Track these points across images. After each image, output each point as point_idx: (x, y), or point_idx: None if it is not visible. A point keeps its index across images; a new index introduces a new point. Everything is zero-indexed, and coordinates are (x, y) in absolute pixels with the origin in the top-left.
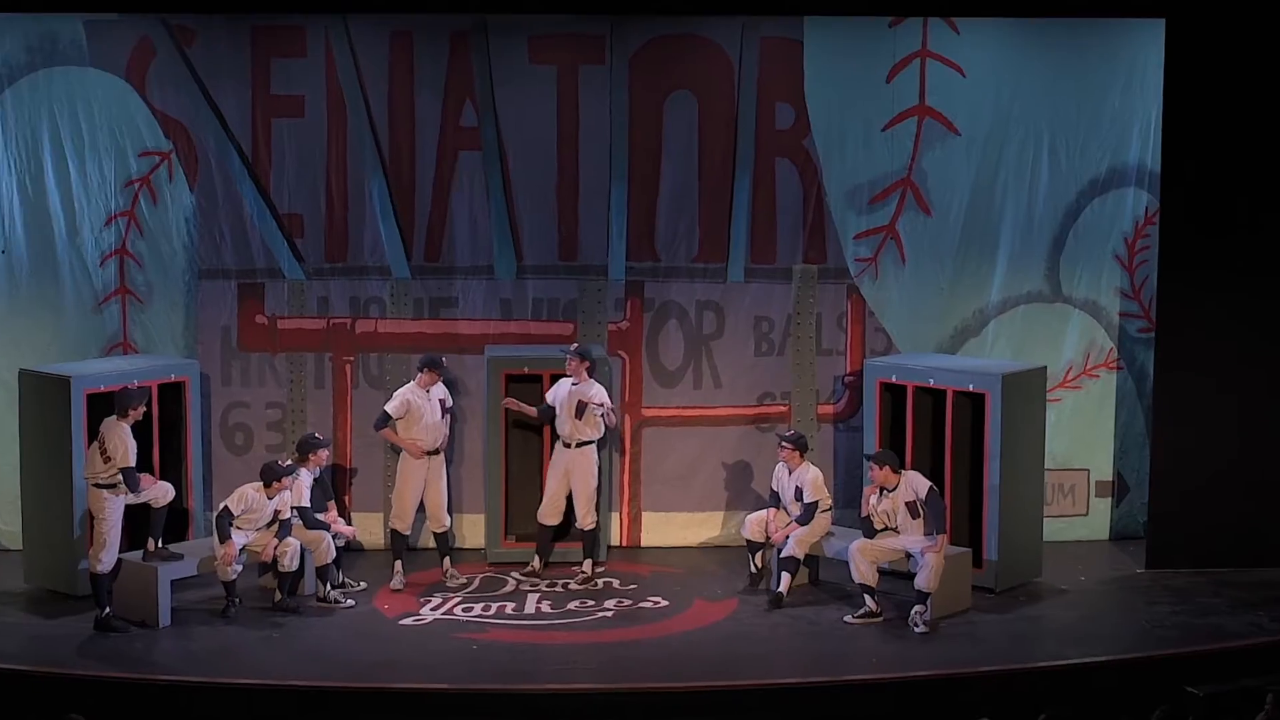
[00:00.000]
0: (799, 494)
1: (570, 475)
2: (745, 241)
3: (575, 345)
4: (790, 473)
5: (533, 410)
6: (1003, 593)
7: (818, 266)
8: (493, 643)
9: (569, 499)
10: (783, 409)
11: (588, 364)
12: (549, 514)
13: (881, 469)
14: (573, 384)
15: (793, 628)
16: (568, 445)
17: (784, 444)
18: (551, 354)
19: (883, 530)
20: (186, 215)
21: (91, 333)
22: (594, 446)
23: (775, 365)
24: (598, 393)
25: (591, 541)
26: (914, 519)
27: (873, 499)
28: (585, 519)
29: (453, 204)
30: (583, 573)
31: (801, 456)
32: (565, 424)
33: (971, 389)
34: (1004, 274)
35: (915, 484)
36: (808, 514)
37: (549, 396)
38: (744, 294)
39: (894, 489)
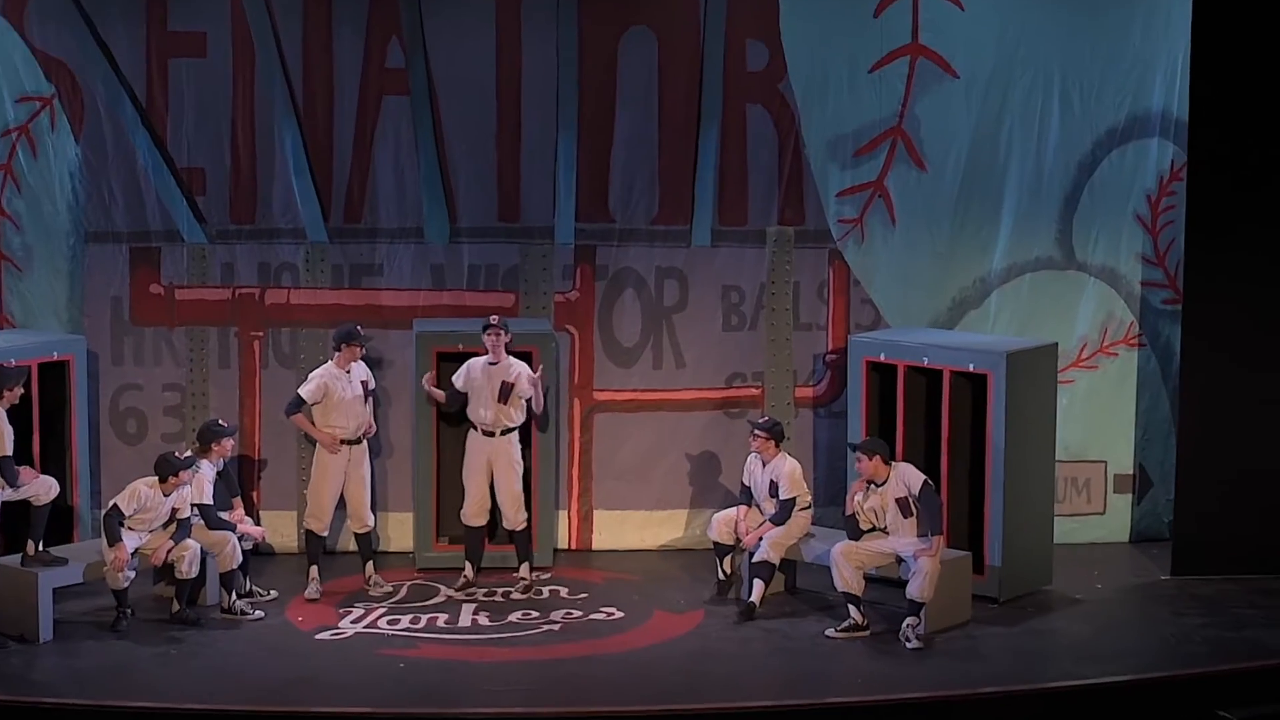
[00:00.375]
0: (774, 489)
1: (494, 468)
2: (712, 200)
3: (496, 316)
4: (764, 465)
5: (442, 395)
6: (1007, 603)
7: (795, 229)
8: (422, 660)
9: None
10: (755, 392)
11: (510, 337)
12: (475, 513)
13: (870, 460)
14: (489, 363)
15: (766, 643)
16: (490, 434)
17: (757, 432)
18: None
19: (870, 531)
20: (71, 170)
21: None
22: (517, 434)
23: (746, 342)
24: (524, 372)
25: (526, 543)
26: (906, 518)
27: (859, 495)
28: (516, 518)
29: (376, 157)
30: (522, 579)
31: (777, 446)
32: (486, 410)
33: (971, 369)
34: (1009, 237)
35: (907, 478)
36: (784, 512)
37: (457, 380)
38: (711, 260)
39: (883, 483)
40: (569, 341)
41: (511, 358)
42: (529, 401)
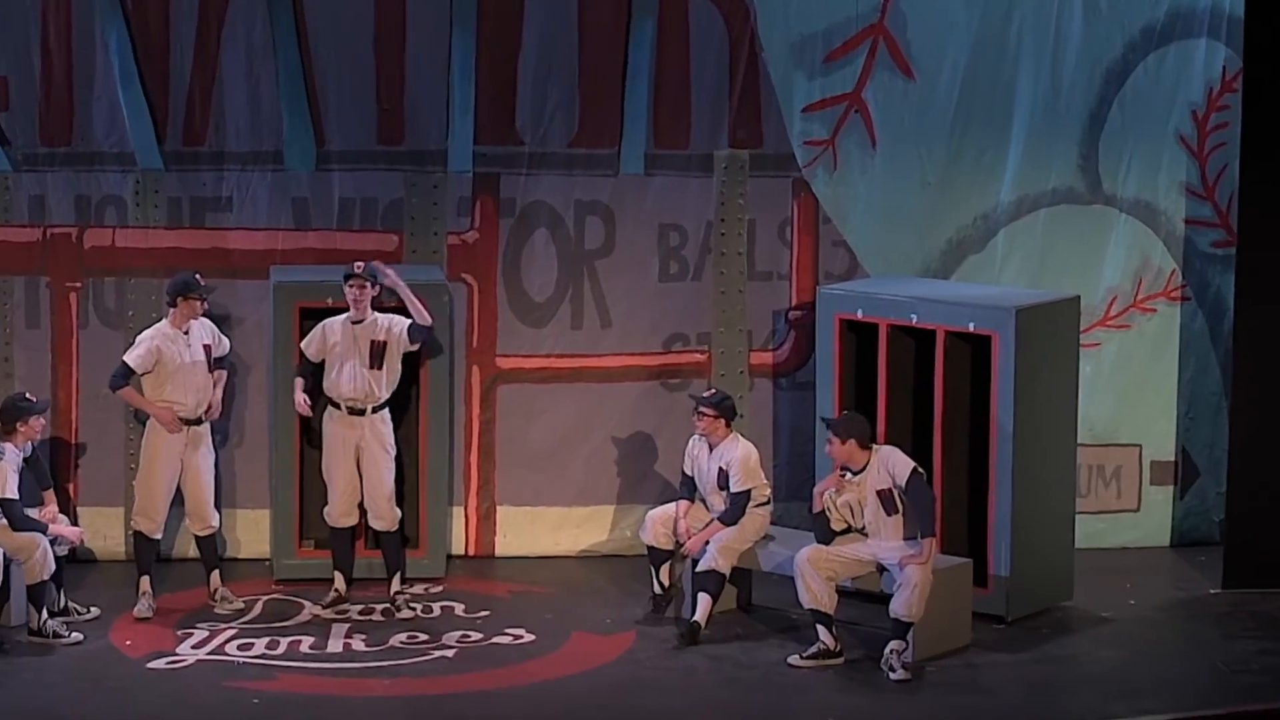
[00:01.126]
0: (723, 480)
1: (362, 455)
2: (646, 118)
3: (361, 264)
4: (711, 450)
5: (306, 405)
6: (1018, 623)
7: (750, 153)
8: (282, 695)
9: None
10: (699, 358)
11: (377, 289)
12: (344, 512)
13: (844, 443)
14: (352, 321)
15: (715, 673)
16: (358, 411)
17: (702, 409)
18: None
19: (844, 532)
20: None
21: None
22: (388, 411)
23: (689, 295)
24: (396, 326)
25: (397, 548)
26: (889, 516)
27: (830, 489)
28: (391, 516)
29: (224, 64)
30: (398, 594)
31: (728, 426)
32: (353, 381)
33: (972, 329)
34: (1019, 164)
35: (892, 465)
36: (736, 508)
37: (309, 346)
38: (644, 193)
39: (861, 471)
40: (466, 295)
41: (379, 313)
42: (410, 327)
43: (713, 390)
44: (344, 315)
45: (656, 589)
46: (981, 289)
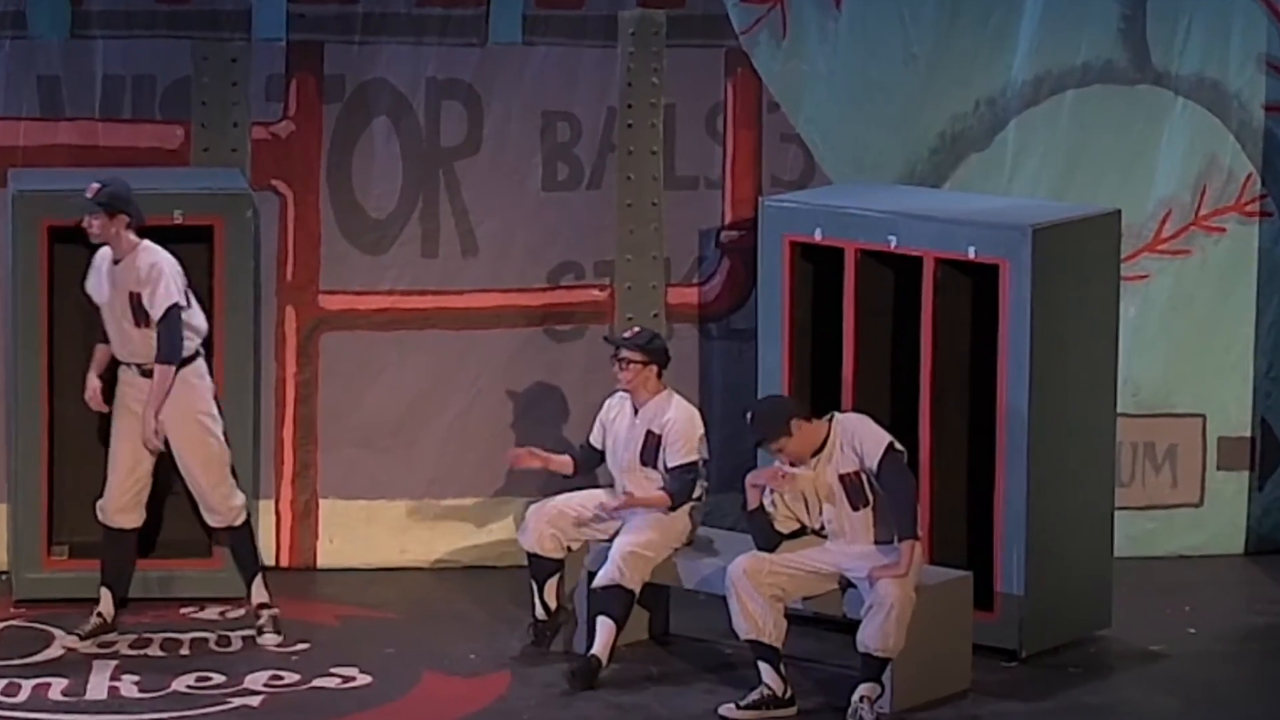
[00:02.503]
0: (651, 452)
1: (169, 428)
2: None
3: (95, 185)
4: (636, 413)
5: (97, 394)
6: (1036, 660)
7: (667, 12)
8: None
9: (160, 476)
10: (598, 296)
11: (126, 218)
12: (123, 507)
13: (776, 441)
14: (112, 260)
15: None
16: (143, 371)
17: (625, 354)
18: (149, 187)
19: (795, 535)
20: None
21: None
22: (202, 364)
23: (584, 210)
24: (165, 268)
25: (249, 547)
26: (856, 509)
27: (767, 484)
28: (225, 505)
29: None
30: (262, 607)
31: (659, 378)
32: (117, 337)
33: (973, 256)
34: (1037, 29)
35: (860, 440)
36: (681, 488)
37: (91, 287)
38: (521, 68)
39: (817, 452)
40: (277, 210)
41: (147, 243)
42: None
43: (637, 330)
44: (105, 250)
45: (539, 613)
46: (986, 201)
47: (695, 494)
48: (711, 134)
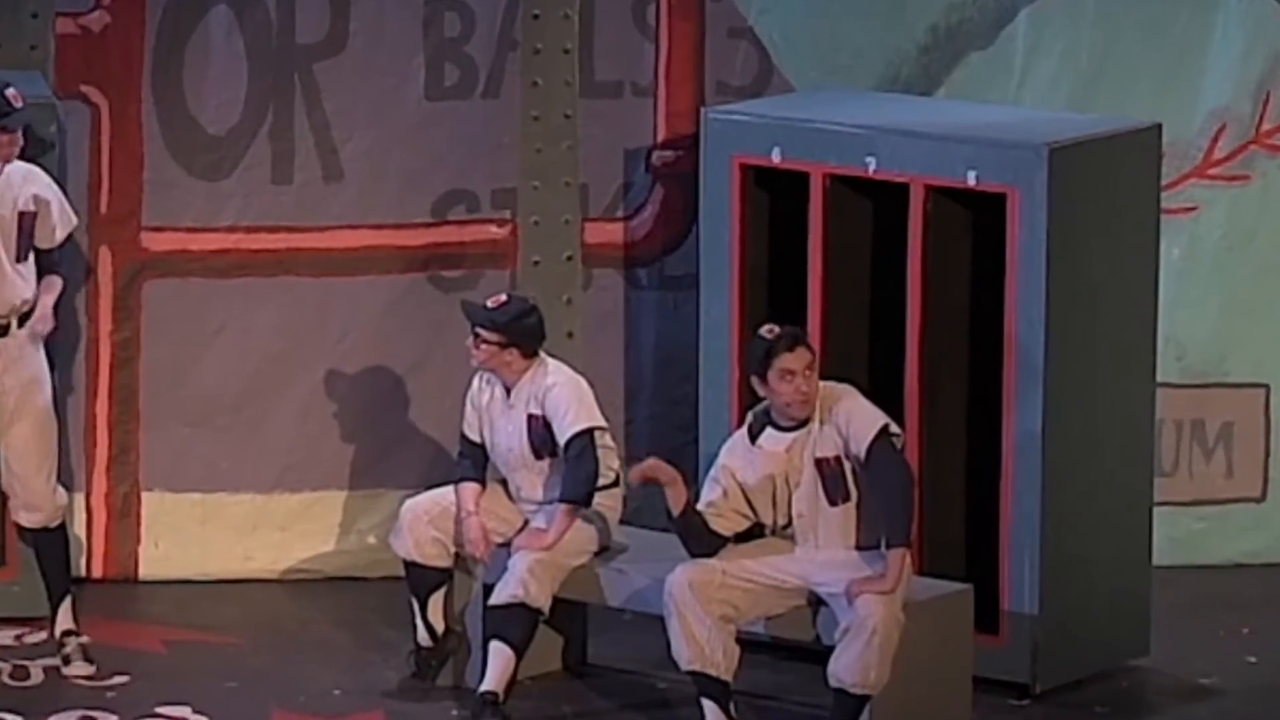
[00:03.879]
0: (541, 437)
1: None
2: None
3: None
4: (509, 394)
5: None
6: (1053, 696)
7: None
8: None
9: None
10: (496, 233)
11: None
12: None
13: (792, 377)
14: None
15: None
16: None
17: (480, 331)
18: None
19: (748, 536)
20: None
21: None
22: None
23: (479, 125)
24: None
25: (60, 557)
26: (834, 504)
27: (727, 464)
28: (43, 502)
29: None
30: (68, 634)
31: (528, 356)
32: None
33: (973, 183)
34: None
35: (848, 418)
36: (580, 469)
37: None
38: None
39: (797, 428)
40: (89, 123)
41: (21, 164)
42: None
43: (503, 299)
44: None
45: (422, 636)
46: (989, 113)
47: (610, 481)
48: (640, 27)
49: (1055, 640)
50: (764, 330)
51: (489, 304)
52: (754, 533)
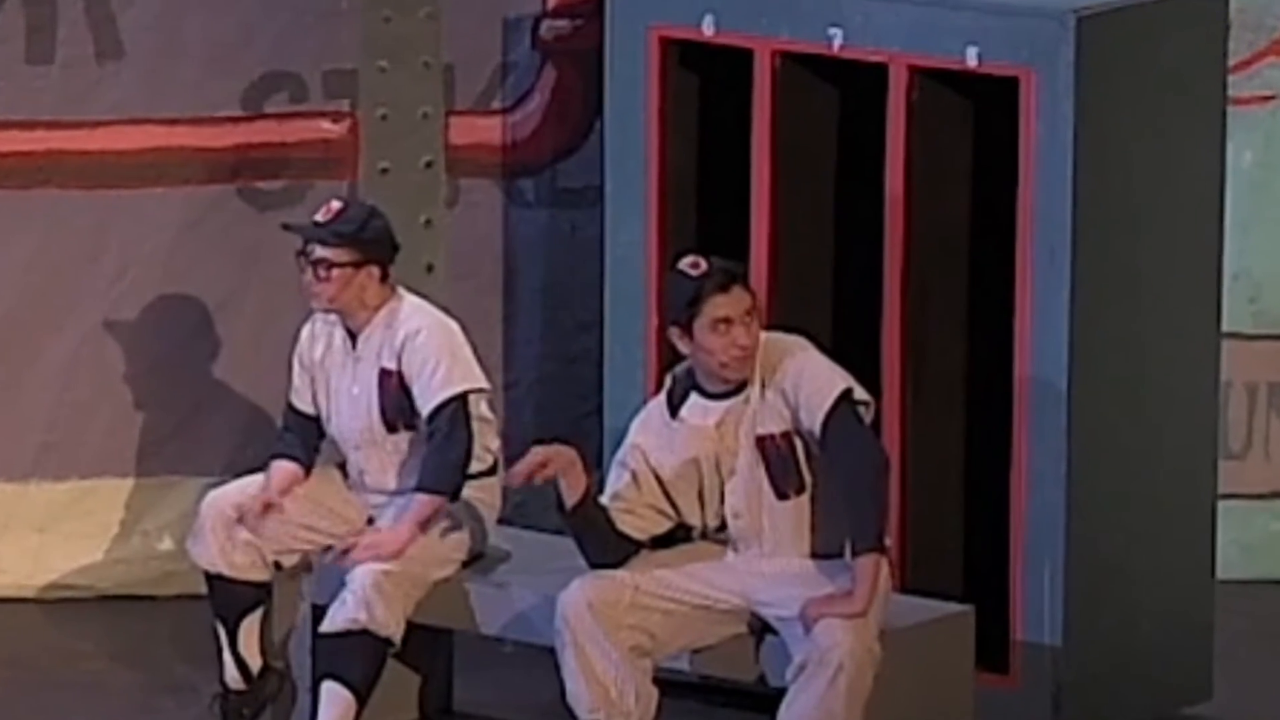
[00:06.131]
0: (397, 407)
1: None
2: None
3: None
4: (355, 341)
5: None
6: None
7: None
8: None
9: None
10: (330, 129)
11: None
12: None
13: (708, 309)
14: None
15: None
16: None
17: (323, 255)
18: None
19: (669, 542)
20: None
21: None
22: None
23: None
24: None
25: None
26: (783, 498)
27: (639, 444)
28: None
29: None
30: None
31: (385, 280)
32: None
33: (974, 64)
34: None
35: (796, 378)
36: (444, 453)
37: None
38: None
39: (730, 395)
40: None
41: None
42: None
43: (337, 207)
44: None
45: (231, 676)
46: None
47: (486, 467)
48: None
49: (1084, 682)
50: (687, 264)
51: (319, 217)
52: (676, 536)
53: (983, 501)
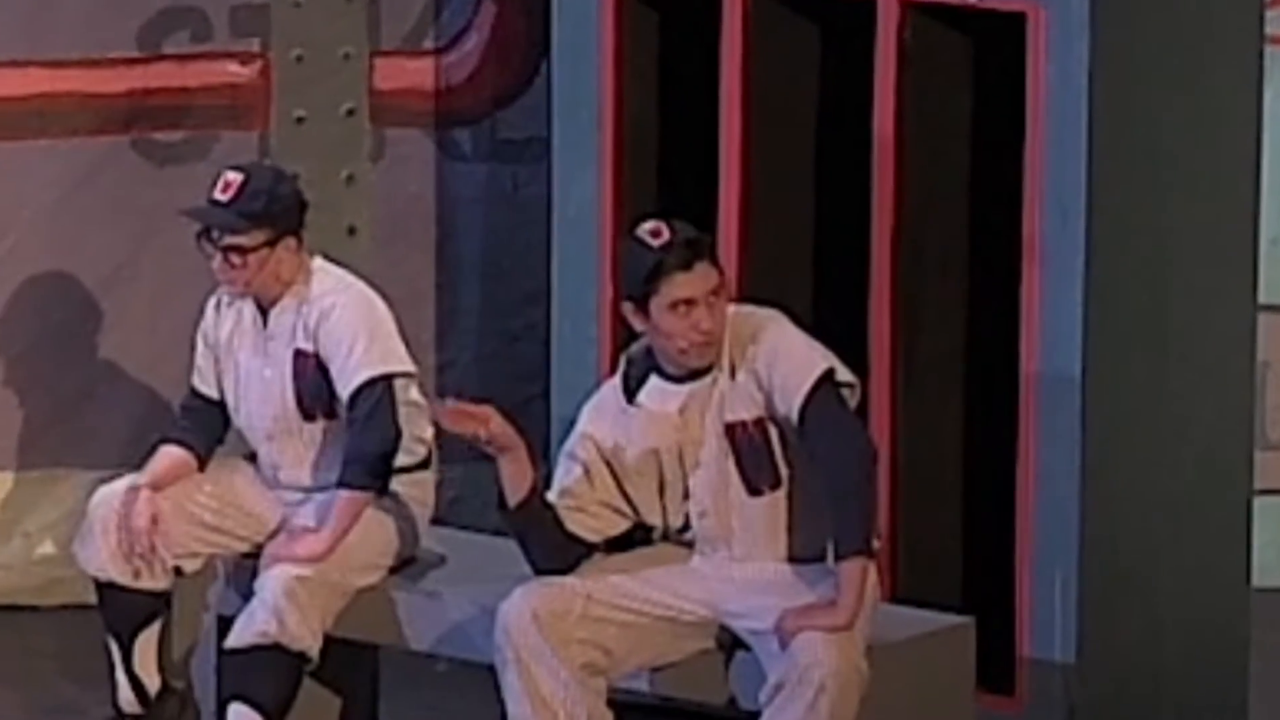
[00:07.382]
0: (315, 392)
1: None
2: None
3: None
4: (266, 319)
5: None
6: None
7: None
8: None
9: None
10: (238, 74)
11: None
12: None
13: (668, 287)
14: None
15: None
16: None
17: (233, 241)
18: None
19: (626, 544)
20: None
21: None
22: None
23: None
24: None
25: None
26: (756, 493)
27: (591, 433)
28: None
29: None
30: None
31: (300, 249)
32: None
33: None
34: None
35: (770, 358)
36: (365, 440)
37: None
38: None
39: (695, 378)
40: None
41: None
42: None
43: (239, 178)
44: None
45: (125, 697)
46: None
47: (418, 460)
48: None
49: (1100, 704)
50: (647, 231)
51: (219, 195)
52: (634, 537)
53: (984, 499)
